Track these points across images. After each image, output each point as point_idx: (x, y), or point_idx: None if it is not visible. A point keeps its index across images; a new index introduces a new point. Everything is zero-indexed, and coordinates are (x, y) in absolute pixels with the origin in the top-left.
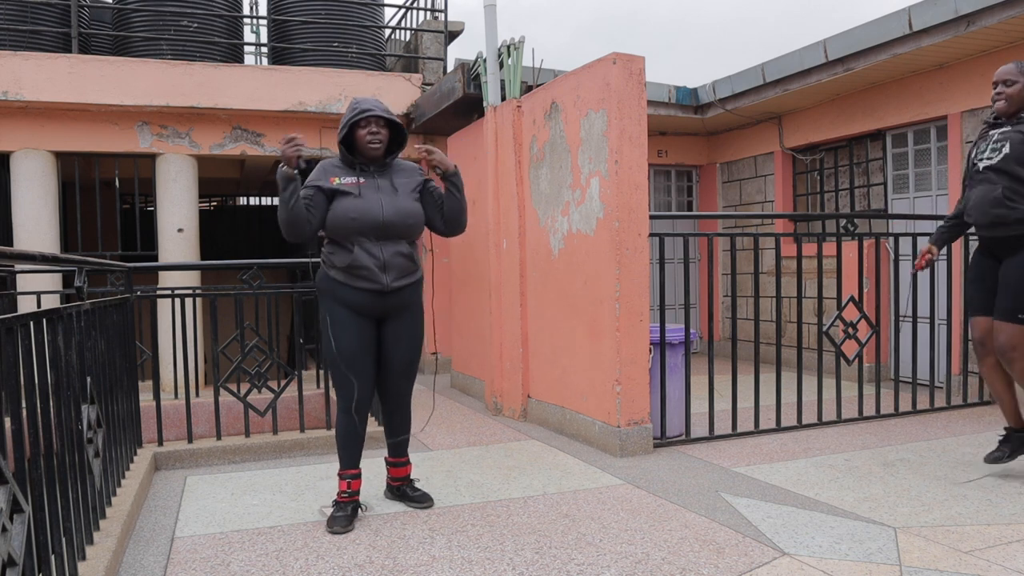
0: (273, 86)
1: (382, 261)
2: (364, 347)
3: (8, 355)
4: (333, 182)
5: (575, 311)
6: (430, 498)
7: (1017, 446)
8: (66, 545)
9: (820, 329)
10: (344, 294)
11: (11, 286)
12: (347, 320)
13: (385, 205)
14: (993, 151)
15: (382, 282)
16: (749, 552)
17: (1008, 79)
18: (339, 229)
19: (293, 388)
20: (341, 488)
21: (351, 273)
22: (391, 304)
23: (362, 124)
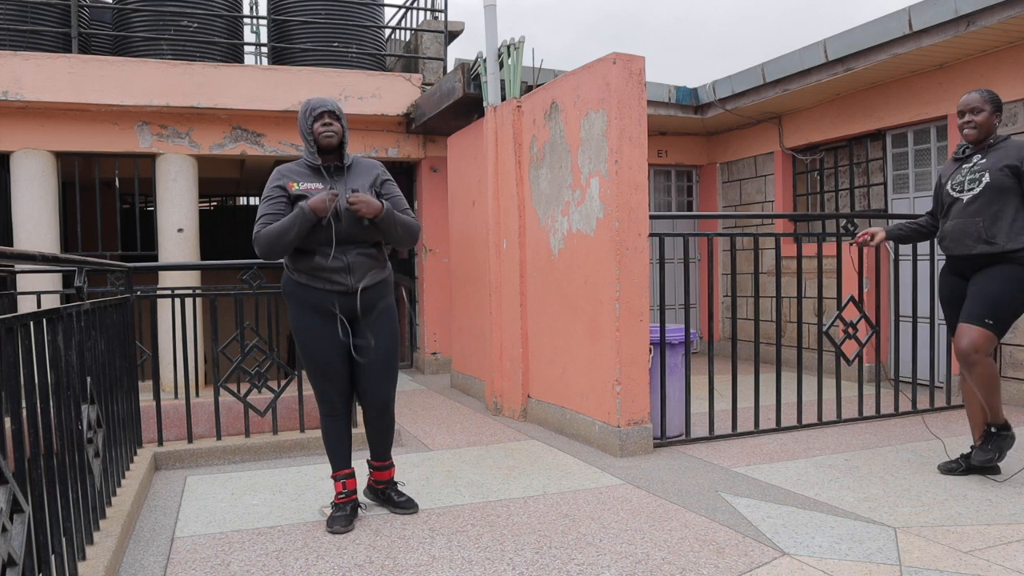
0: (273, 86)
1: (346, 263)
2: (334, 350)
3: (8, 355)
4: (292, 188)
5: (575, 311)
6: (415, 504)
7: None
8: (66, 545)
9: (820, 329)
10: (309, 296)
11: (11, 286)
12: (315, 324)
13: (343, 209)
14: (972, 183)
15: (347, 283)
16: (749, 552)
17: (975, 107)
18: None
19: (293, 388)
20: (337, 490)
21: (315, 276)
22: (360, 304)
23: (316, 118)
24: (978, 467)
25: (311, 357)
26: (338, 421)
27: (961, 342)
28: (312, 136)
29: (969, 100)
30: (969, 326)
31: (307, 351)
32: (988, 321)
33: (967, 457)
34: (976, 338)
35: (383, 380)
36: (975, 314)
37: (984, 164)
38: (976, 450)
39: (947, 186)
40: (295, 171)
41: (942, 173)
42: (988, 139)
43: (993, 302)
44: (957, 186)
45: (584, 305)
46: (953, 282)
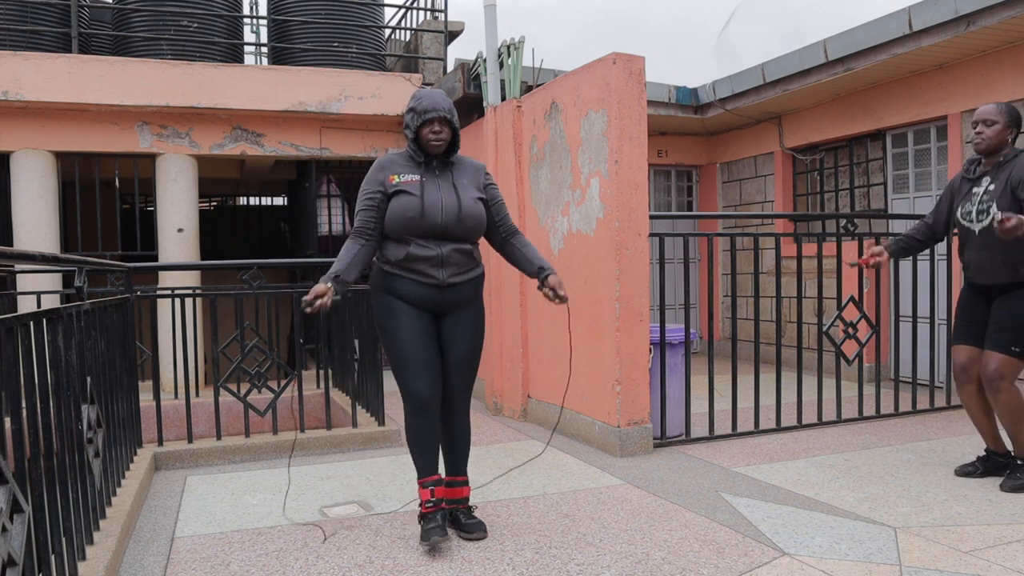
0: (273, 86)
1: (439, 256)
2: (426, 334)
3: (8, 355)
4: (392, 180)
5: (575, 311)
6: (484, 529)
7: (991, 468)
8: (66, 545)
9: (820, 329)
10: (398, 286)
11: (11, 286)
12: (404, 310)
13: (445, 207)
14: (981, 213)
15: (438, 277)
16: (749, 552)
17: (988, 119)
18: (396, 228)
19: (293, 388)
20: (423, 498)
21: (406, 267)
22: (448, 299)
23: (425, 123)
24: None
25: (398, 350)
26: (428, 419)
27: (988, 368)
28: (418, 141)
29: (984, 111)
30: (994, 353)
31: (394, 343)
32: (1015, 349)
33: (984, 460)
34: (1002, 365)
35: (460, 380)
36: (1001, 341)
37: (992, 192)
38: (1006, 478)
39: (958, 212)
40: (398, 162)
41: (952, 190)
42: (999, 155)
43: (1020, 329)
44: (967, 216)
45: (584, 305)
46: (972, 297)
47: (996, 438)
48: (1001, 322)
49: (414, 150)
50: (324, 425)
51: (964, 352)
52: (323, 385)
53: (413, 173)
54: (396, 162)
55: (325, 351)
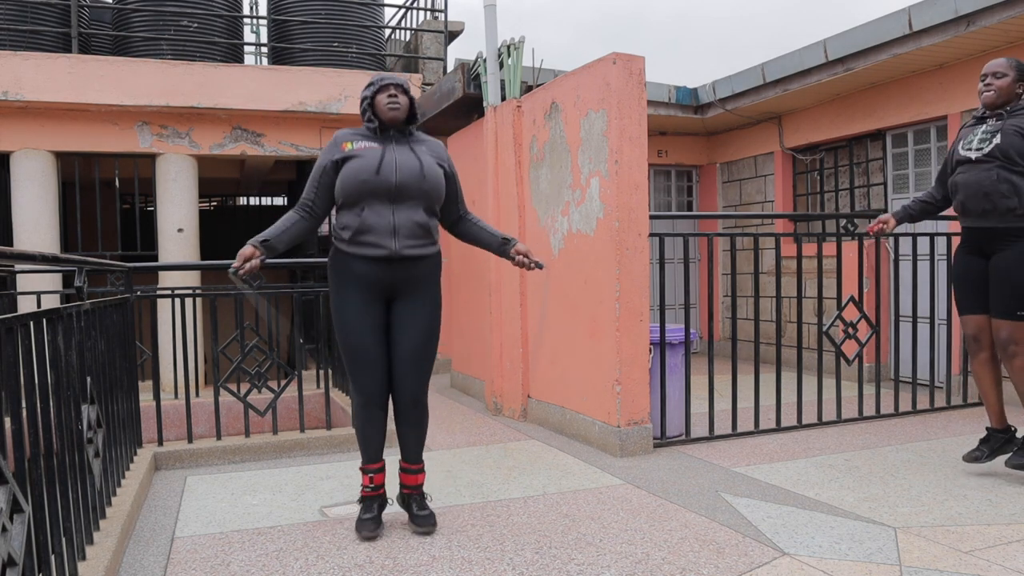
0: (273, 86)
1: (392, 224)
2: (372, 327)
3: (8, 355)
4: (345, 148)
5: (575, 311)
6: (434, 521)
7: (997, 446)
8: (66, 545)
9: (820, 329)
10: (350, 265)
11: (11, 286)
12: (353, 299)
13: (400, 166)
14: (983, 142)
15: (390, 247)
16: (749, 552)
17: (998, 71)
18: (349, 192)
19: (293, 388)
20: (363, 483)
21: (358, 241)
22: (401, 276)
23: (381, 91)
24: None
25: (345, 338)
26: (372, 411)
27: (1000, 336)
28: (373, 110)
29: (994, 64)
30: (1003, 321)
31: (342, 332)
32: (1020, 313)
33: (986, 440)
34: (1013, 331)
35: (415, 370)
36: (1007, 307)
37: (998, 126)
38: (1012, 455)
39: (958, 146)
40: (353, 132)
41: (956, 138)
42: (1006, 105)
43: (1020, 291)
44: (967, 145)
45: (584, 305)
46: (968, 260)
47: (1000, 414)
48: (1001, 287)
49: (371, 120)
50: (324, 425)
51: (972, 322)
52: (323, 385)
53: (370, 141)
54: (351, 133)
55: (325, 351)
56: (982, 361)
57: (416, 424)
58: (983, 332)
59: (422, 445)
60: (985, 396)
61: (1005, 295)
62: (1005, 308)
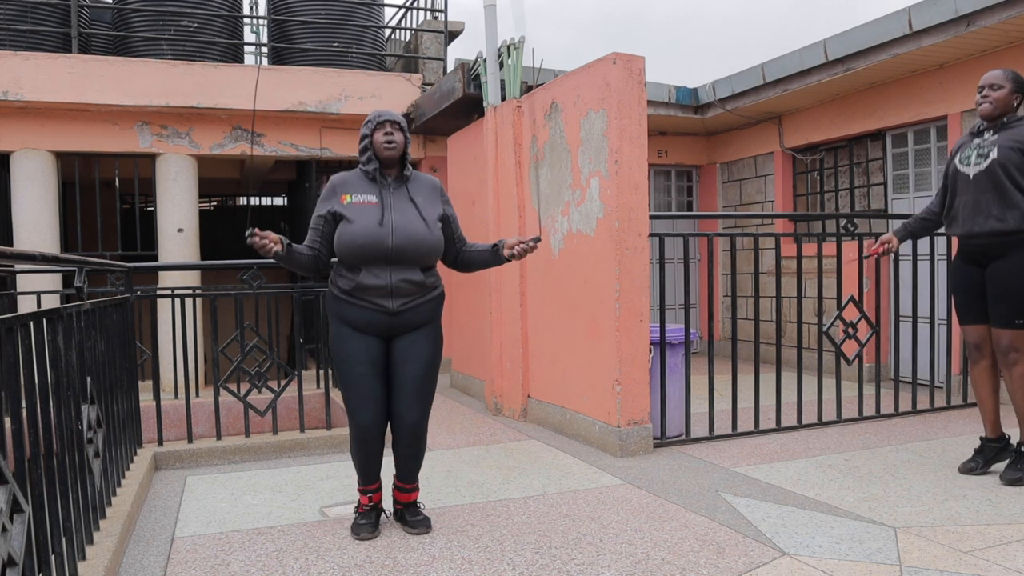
0: (273, 86)
1: (389, 286)
2: (371, 362)
3: (8, 355)
4: (344, 200)
5: (575, 311)
6: (428, 524)
7: (991, 456)
8: (66, 545)
9: (820, 329)
10: (348, 312)
11: (11, 286)
12: (351, 338)
13: (396, 230)
14: (980, 157)
15: (388, 307)
16: (749, 552)
17: (995, 83)
18: (346, 255)
19: (293, 388)
20: (362, 502)
21: (356, 296)
22: (399, 323)
23: (378, 128)
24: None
25: (343, 371)
26: (369, 445)
27: (1000, 345)
28: (372, 148)
29: (991, 76)
30: (1003, 331)
31: (340, 364)
32: (1019, 322)
33: (980, 451)
34: (1013, 340)
35: (414, 403)
36: (1006, 316)
37: (995, 140)
38: (1006, 469)
39: (956, 160)
40: (351, 181)
41: (954, 149)
42: (1003, 117)
43: (1019, 299)
44: (965, 160)
45: (584, 305)
46: (967, 271)
47: (995, 423)
48: (1000, 296)
49: (368, 161)
50: (324, 425)
51: (974, 332)
52: (323, 385)
53: (368, 193)
54: (349, 181)
55: (325, 351)
56: (983, 369)
57: (413, 453)
58: (985, 341)
59: (418, 469)
60: (982, 404)
61: (1003, 305)
62: (1004, 318)
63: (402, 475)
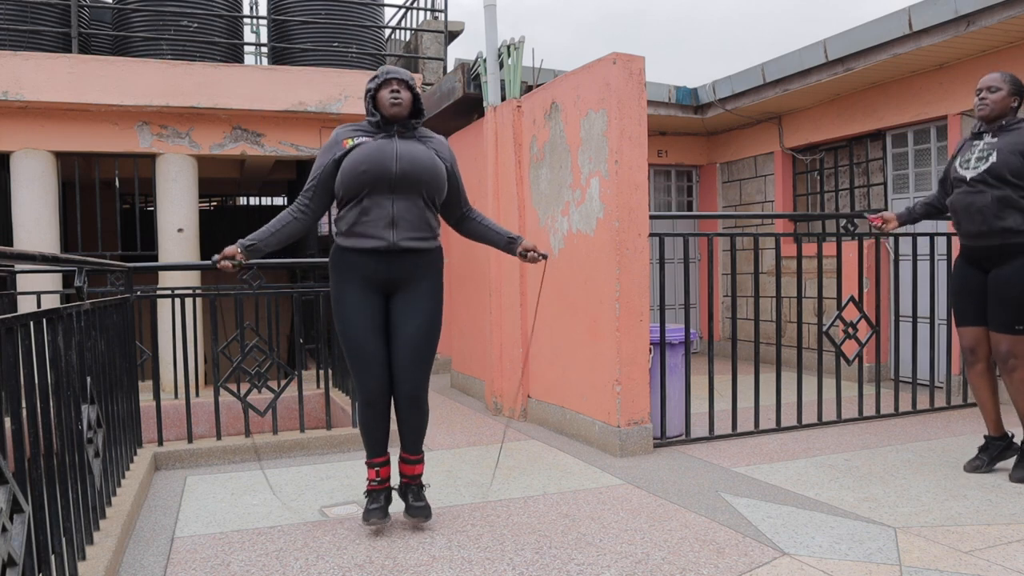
0: (273, 86)
1: (391, 214)
2: (372, 324)
3: (8, 355)
4: (345, 144)
5: (575, 311)
6: (428, 512)
7: (996, 454)
8: (66, 545)
9: (820, 329)
10: (349, 260)
11: (11, 286)
12: (353, 295)
13: (400, 156)
14: (979, 160)
15: (388, 238)
16: (749, 552)
17: (992, 86)
18: (349, 183)
19: (293, 388)
20: (369, 477)
21: (356, 232)
22: (399, 269)
23: (383, 86)
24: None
25: (346, 336)
26: (376, 408)
27: (999, 350)
28: (375, 104)
29: (988, 78)
30: (1001, 335)
31: (342, 328)
32: (1019, 328)
33: (985, 448)
34: (1012, 345)
35: (414, 363)
36: (1006, 321)
37: (994, 144)
38: (1014, 468)
39: (955, 163)
40: (354, 128)
41: (954, 152)
42: (1001, 119)
43: (1019, 305)
44: (964, 163)
45: (584, 305)
46: (968, 273)
47: (998, 423)
48: (1000, 301)
49: (372, 115)
50: (324, 425)
51: (970, 334)
52: (323, 385)
53: (371, 137)
54: (352, 128)
55: (325, 351)
56: (979, 372)
57: (415, 418)
58: (980, 344)
59: (422, 438)
60: (983, 406)
61: (1004, 309)
62: (1004, 322)
63: (406, 445)
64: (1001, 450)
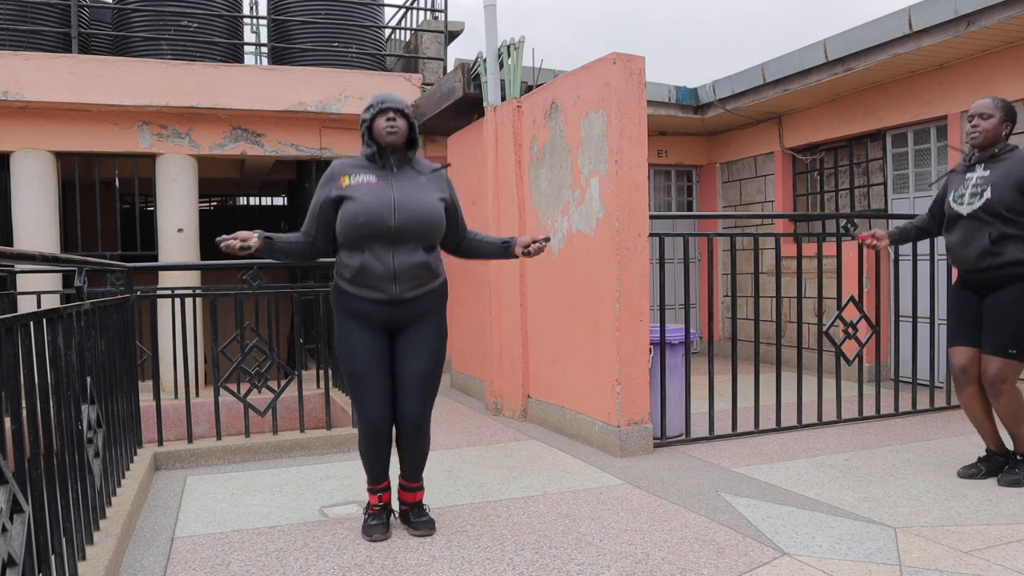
0: (273, 86)
1: (392, 270)
2: (376, 357)
3: (8, 355)
4: (343, 183)
5: (575, 311)
6: (431, 527)
7: (993, 468)
8: (66, 545)
9: (820, 329)
10: (352, 305)
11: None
12: (356, 334)
13: (399, 207)
14: (973, 196)
15: (391, 292)
16: (749, 552)
17: (984, 112)
18: (348, 234)
19: (293, 388)
20: (371, 502)
21: (359, 283)
22: (403, 314)
23: (379, 115)
24: None
25: (349, 367)
26: (378, 442)
27: (988, 373)
28: (371, 134)
29: (980, 105)
30: (992, 357)
31: (345, 361)
32: (1012, 351)
33: (986, 460)
34: (1002, 369)
35: (417, 397)
36: (998, 345)
37: (987, 178)
38: (1004, 474)
39: (949, 197)
40: (351, 165)
41: (947, 182)
42: (994, 147)
43: (1014, 330)
44: (958, 199)
45: (584, 305)
46: (964, 295)
47: (996, 438)
48: (995, 324)
49: (369, 145)
50: (324, 425)
51: (962, 354)
52: (323, 385)
53: (368, 174)
54: (349, 164)
55: (325, 351)
56: (970, 394)
57: (417, 447)
58: (972, 365)
59: (423, 466)
60: (979, 425)
61: (997, 332)
62: (996, 345)
63: (406, 473)
64: (1001, 466)
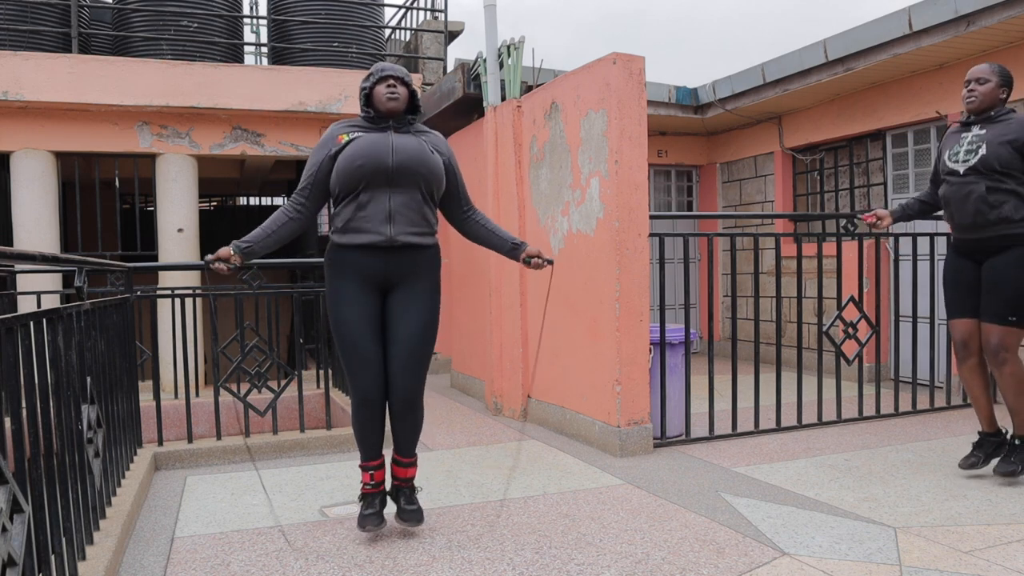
0: (273, 86)
1: (388, 209)
2: (368, 323)
3: (8, 355)
4: (341, 140)
5: (575, 311)
6: (420, 516)
7: (991, 450)
8: (66, 545)
9: (820, 329)
10: (345, 257)
11: (11, 286)
12: (349, 294)
13: (396, 149)
14: (969, 153)
15: (386, 233)
16: (749, 552)
17: (981, 77)
18: (346, 177)
19: (293, 388)
20: (364, 480)
21: (353, 228)
22: (397, 266)
23: (380, 82)
24: None
25: (341, 335)
26: (370, 410)
27: (990, 342)
28: (370, 101)
29: (976, 69)
30: (993, 326)
31: (337, 328)
32: (1012, 319)
33: (980, 445)
34: (1003, 337)
35: (410, 367)
36: (997, 313)
37: (983, 135)
38: (1000, 462)
39: (944, 156)
40: (349, 124)
41: (942, 144)
42: (990, 111)
43: (1012, 296)
44: (954, 156)
45: (584, 305)
46: (960, 264)
47: (991, 418)
48: (993, 291)
49: (366, 111)
50: (324, 425)
51: (962, 326)
52: (323, 385)
53: (366, 132)
54: (347, 124)
55: (325, 351)
56: (971, 367)
57: (410, 420)
58: (972, 337)
59: (416, 440)
60: (976, 401)
61: (996, 300)
62: (996, 313)
63: (399, 447)
64: (995, 446)
